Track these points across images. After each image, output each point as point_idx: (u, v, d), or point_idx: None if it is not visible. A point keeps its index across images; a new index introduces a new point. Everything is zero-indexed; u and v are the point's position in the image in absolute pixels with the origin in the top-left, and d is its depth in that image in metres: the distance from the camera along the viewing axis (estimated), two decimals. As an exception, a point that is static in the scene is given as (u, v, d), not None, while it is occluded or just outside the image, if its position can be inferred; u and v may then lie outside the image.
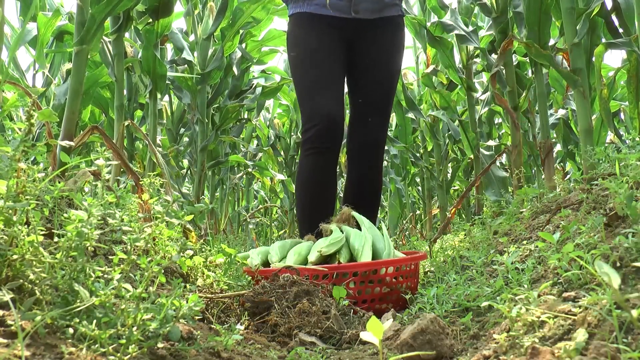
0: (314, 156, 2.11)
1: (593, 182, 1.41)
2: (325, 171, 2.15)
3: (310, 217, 2.07)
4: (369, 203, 2.23)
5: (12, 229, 0.68)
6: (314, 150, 2.10)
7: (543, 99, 2.78)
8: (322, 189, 2.15)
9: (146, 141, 2.22)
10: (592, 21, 2.38)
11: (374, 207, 2.31)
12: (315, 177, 2.14)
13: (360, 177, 2.25)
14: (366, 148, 2.23)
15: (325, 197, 2.16)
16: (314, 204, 2.13)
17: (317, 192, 2.15)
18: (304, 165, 2.15)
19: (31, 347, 0.58)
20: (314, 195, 2.14)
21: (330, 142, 2.09)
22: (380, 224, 1.89)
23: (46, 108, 1.41)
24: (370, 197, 2.26)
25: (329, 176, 2.16)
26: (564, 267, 0.91)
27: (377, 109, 2.23)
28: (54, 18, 2.82)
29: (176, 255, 0.79)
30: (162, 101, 4.32)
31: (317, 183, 2.15)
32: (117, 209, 1.26)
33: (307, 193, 2.15)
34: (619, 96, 4.57)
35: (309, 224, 2.05)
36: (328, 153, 2.11)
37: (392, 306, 1.53)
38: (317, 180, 2.14)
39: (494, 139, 4.57)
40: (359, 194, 2.23)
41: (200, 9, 3.91)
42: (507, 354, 0.67)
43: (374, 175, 2.26)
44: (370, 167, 2.24)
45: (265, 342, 1.12)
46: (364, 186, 2.25)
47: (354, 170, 2.27)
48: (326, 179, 2.15)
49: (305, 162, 2.14)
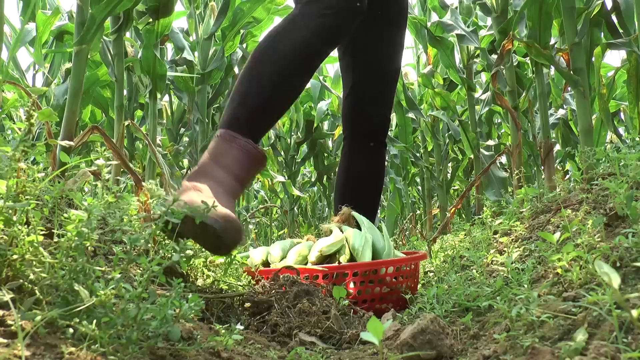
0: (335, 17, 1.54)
1: (593, 182, 1.41)
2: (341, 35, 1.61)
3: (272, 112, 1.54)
4: (371, 199, 2.00)
5: (12, 229, 0.68)
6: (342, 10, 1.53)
7: (543, 98, 2.78)
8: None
9: (146, 141, 2.22)
10: (592, 21, 2.38)
11: (376, 203, 2.06)
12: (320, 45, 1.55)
13: (362, 167, 1.98)
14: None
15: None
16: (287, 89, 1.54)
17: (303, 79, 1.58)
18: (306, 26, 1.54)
19: (31, 347, 0.58)
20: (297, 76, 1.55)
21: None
22: (380, 224, 1.89)
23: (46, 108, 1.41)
24: (373, 192, 2.02)
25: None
26: (564, 267, 0.91)
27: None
28: (53, 17, 2.82)
29: (176, 255, 0.79)
30: (162, 101, 4.32)
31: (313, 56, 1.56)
32: (117, 209, 1.26)
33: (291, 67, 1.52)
34: (619, 96, 4.57)
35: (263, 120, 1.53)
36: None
37: (392, 306, 1.53)
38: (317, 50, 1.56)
39: (493, 138, 4.57)
40: (359, 189, 1.98)
41: (202, 9, 3.91)
42: (507, 353, 0.67)
43: (377, 165, 2.00)
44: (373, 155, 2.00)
45: (265, 342, 1.12)
46: (366, 179, 2.00)
47: (354, 159, 2.00)
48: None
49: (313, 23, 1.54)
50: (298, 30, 1.54)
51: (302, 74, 1.55)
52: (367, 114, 1.99)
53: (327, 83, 5.29)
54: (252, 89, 1.49)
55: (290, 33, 1.54)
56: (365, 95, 1.99)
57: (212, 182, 1.38)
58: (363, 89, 1.98)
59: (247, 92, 1.49)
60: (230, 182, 1.41)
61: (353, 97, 2.00)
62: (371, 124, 2.00)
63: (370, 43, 1.97)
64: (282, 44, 1.52)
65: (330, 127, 6.02)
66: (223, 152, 1.43)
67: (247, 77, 1.51)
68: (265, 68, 1.50)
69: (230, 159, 1.43)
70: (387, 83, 2.02)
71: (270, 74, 1.49)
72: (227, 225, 1.24)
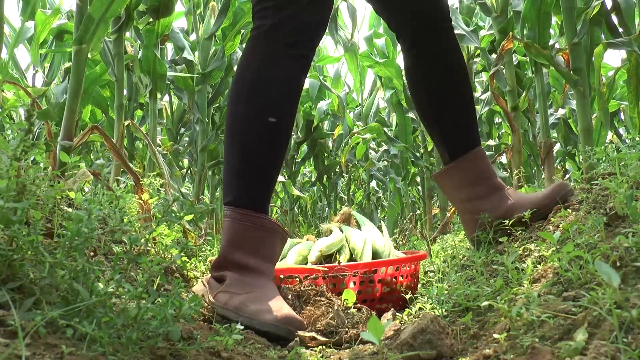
0: (285, 53, 1.31)
1: (593, 182, 1.41)
2: (297, 86, 1.35)
3: (251, 172, 1.31)
4: (457, 88, 1.52)
5: (12, 228, 0.68)
6: (289, 43, 1.31)
7: (543, 98, 2.78)
8: (285, 116, 1.33)
9: (146, 141, 2.22)
10: (592, 21, 2.38)
11: (465, 95, 1.54)
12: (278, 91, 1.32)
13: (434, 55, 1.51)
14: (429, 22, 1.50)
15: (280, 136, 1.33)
16: (261, 142, 1.31)
17: (272, 123, 1.30)
18: (255, 64, 1.33)
19: (31, 346, 0.58)
20: (266, 125, 1.30)
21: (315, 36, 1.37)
22: (380, 224, 1.89)
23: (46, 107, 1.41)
24: (457, 80, 1.52)
25: (296, 97, 1.36)
26: (564, 267, 0.91)
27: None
28: (52, 16, 2.82)
29: (176, 255, 0.79)
30: (162, 101, 4.32)
31: (281, 104, 1.32)
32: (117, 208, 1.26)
33: (257, 119, 1.31)
34: (619, 96, 4.57)
35: (246, 180, 1.31)
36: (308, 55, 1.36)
37: (392, 306, 1.53)
38: (280, 99, 1.32)
39: (493, 138, 4.57)
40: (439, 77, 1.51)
41: (202, 9, 3.91)
42: (507, 353, 0.67)
43: (452, 55, 1.53)
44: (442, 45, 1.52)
45: (265, 342, 1.12)
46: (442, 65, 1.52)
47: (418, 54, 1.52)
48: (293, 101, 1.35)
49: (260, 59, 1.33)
50: (242, 83, 1.38)
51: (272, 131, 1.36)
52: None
53: (327, 83, 5.29)
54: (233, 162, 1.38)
55: (238, 87, 1.39)
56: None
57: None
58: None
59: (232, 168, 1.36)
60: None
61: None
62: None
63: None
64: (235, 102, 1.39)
65: (331, 127, 6.02)
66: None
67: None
68: (232, 139, 1.37)
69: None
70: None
71: (239, 151, 1.36)
72: (290, 326, 1.16)
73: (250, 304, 1.19)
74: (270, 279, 1.29)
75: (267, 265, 1.30)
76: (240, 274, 1.27)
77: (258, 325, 1.14)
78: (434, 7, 1.50)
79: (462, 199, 1.54)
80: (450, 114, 1.54)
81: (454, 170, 1.54)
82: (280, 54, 1.32)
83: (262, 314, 1.16)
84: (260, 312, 1.16)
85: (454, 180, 1.55)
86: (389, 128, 5.19)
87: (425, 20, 1.51)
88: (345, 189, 6.34)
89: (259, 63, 1.33)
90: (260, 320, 1.15)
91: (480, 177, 1.51)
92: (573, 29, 2.31)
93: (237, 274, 1.27)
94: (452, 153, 1.53)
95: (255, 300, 1.20)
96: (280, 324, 1.15)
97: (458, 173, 1.53)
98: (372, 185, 6.28)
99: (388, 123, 5.39)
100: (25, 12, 3.02)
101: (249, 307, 1.18)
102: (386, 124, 5.30)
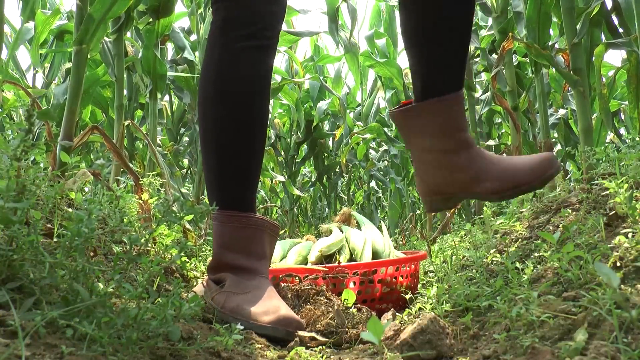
0: (248, 51, 1.25)
1: (593, 182, 1.41)
2: (264, 77, 1.29)
3: (229, 172, 1.29)
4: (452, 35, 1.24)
5: (12, 228, 0.68)
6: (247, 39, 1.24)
7: (543, 98, 2.78)
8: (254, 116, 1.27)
9: (146, 141, 2.22)
10: (592, 21, 2.39)
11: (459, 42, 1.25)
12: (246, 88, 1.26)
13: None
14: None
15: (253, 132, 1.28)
16: (237, 140, 1.27)
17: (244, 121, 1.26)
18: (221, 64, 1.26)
19: (31, 346, 0.58)
20: (239, 125, 1.27)
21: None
22: (380, 224, 1.89)
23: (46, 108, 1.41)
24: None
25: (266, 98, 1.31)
26: (564, 267, 0.91)
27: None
28: (53, 17, 2.82)
29: (176, 255, 0.79)
30: (162, 101, 4.32)
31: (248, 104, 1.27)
32: (117, 208, 1.26)
33: (229, 119, 1.27)
34: (619, 96, 4.57)
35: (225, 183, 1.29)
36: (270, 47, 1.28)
37: (392, 306, 1.53)
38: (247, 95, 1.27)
39: (494, 138, 4.56)
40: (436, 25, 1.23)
41: (203, 9, 3.91)
42: (507, 353, 0.67)
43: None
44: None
45: (265, 342, 1.12)
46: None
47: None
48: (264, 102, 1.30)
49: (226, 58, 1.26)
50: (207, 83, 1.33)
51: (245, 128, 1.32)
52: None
53: (327, 83, 5.29)
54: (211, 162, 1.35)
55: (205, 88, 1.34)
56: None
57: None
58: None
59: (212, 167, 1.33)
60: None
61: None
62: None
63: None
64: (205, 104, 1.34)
65: (331, 127, 6.02)
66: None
67: None
68: (207, 142, 1.33)
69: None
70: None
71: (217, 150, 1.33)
72: (288, 327, 1.15)
73: (246, 306, 1.18)
74: (264, 276, 1.27)
75: (260, 263, 1.27)
76: (235, 274, 1.26)
77: (256, 328, 1.13)
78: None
79: (424, 148, 1.27)
80: (444, 41, 1.24)
81: (424, 109, 1.24)
82: (238, 50, 1.24)
83: (259, 316, 1.15)
84: (257, 314, 1.15)
85: (419, 123, 1.26)
86: (389, 128, 5.18)
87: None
88: (345, 189, 6.34)
89: (219, 64, 1.26)
90: (258, 322, 1.14)
91: (452, 127, 1.23)
92: (573, 29, 2.31)
93: (233, 275, 1.26)
94: (428, 88, 1.24)
95: (252, 301, 1.19)
96: (278, 326, 1.13)
97: (428, 115, 1.24)
98: (372, 185, 6.28)
99: (388, 123, 5.39)
100: (25, 12, 3.02)
101: (245, 309, 1.17)
102: (386, 124, 5.30)
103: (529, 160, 1.21)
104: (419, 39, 1.27)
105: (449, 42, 1.25)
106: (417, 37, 1.27)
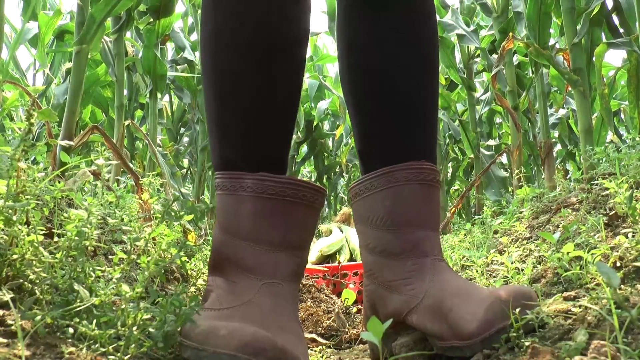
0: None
1: (593, 182, 1.42)
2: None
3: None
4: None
5: (12, 228, 0.68)
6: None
7: (543, 98, 2.78)
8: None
9: (146, 141, 2.22)
10: (593, 21, 2.39)
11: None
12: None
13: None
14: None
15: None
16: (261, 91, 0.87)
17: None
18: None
19: (31, 346, 0.58)
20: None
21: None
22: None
23: (46, 107, 1.41)
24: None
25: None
26: (564, 267, 0.91)
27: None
28: (55, 17, 2.82)
29: (176, 254, 0.79)
30: (163, 101, 4.32)
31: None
32: (117, 208, 1.26)
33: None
34: (619, 96, 4.57)
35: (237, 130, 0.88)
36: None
37: (392, 306, 1.53)
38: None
39: (494, 138, 4.57)
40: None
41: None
42: (507, 354, 0.67)
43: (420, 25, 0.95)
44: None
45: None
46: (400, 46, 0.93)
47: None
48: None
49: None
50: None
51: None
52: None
53: (327, 83, 5.29)
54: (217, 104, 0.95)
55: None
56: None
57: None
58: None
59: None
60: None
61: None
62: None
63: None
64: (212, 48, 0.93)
65: (331, 127, 6.02)
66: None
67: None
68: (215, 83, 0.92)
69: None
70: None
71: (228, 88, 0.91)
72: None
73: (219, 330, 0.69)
74: (277, 282, 0.80)
75: (273, 256, 0.80)
76: (229, 278, 0.82)
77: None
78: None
79: (368, 246, 0.90)
80: (408, 104, 0.92)
81: (376, 186, 0.88)
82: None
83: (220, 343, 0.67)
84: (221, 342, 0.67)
85: (367, 208, 0.89)
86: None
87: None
88: (345, 189, 6.34)
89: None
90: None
91: (412, 219, 0.85)
92: (573, 29, 2.31)
93: (225, 281, 0.82)
94: (390, 157, 0.89)
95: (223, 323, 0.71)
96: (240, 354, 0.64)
97: (380, 198, 0.87)
98: (372, 185, 6.26)
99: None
100: (26, 12, 3.02)
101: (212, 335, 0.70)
102: (386, 124, 5.29)
103: (491, 301, 0.73)
104: (382, 96, 0.95)
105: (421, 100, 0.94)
106: (378, 94, 0.95)
